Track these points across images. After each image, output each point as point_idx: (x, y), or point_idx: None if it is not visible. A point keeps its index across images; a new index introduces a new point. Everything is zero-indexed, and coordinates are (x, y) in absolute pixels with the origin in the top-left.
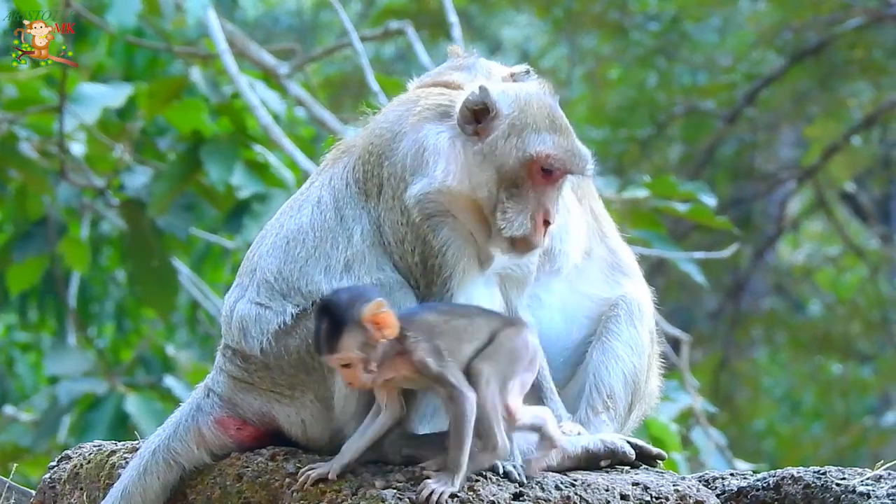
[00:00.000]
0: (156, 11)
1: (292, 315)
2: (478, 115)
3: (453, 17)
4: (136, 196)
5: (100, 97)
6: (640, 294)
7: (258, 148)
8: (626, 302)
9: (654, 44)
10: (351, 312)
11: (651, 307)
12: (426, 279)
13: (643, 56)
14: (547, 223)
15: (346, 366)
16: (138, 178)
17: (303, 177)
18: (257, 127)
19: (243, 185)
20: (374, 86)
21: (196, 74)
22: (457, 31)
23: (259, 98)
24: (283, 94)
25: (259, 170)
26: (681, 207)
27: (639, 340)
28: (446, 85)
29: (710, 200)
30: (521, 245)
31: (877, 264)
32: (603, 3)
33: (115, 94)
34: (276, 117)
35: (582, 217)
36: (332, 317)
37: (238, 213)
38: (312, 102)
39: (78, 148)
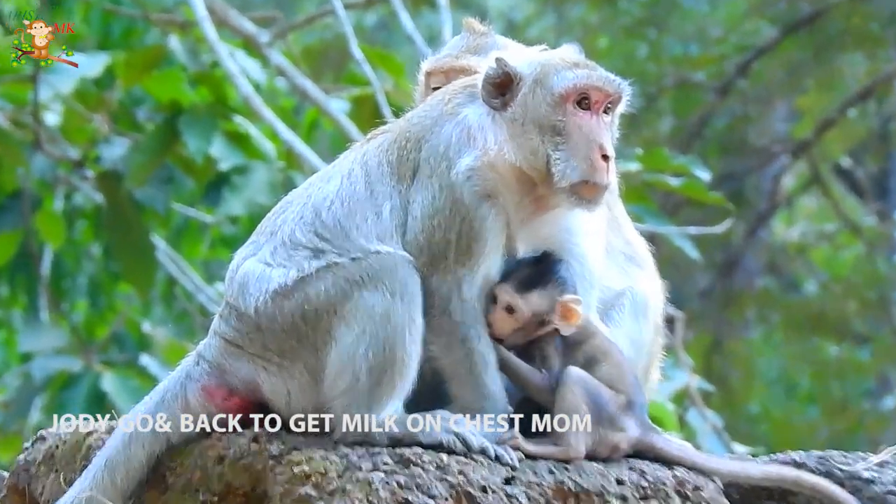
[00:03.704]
0: None
1: (294, 278)
2: (502, 87)
3: None
4: (114, 168)
5: (76, 66)
6: (650, 287)
7: (239, 119)
8: (632, 293)
9: (643, 13)
10: (562, 282)
11: (660, 300)
12: (445, 260)
13: (632, 26)
14: (605, 157)
15: (508, 310)
16: (116, 150)
17: (284, 148)
18: (237, 97)
19: (223, 156)
20: (358, 54)
21: (174, 43)
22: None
23: (239, 67)
24: (264, 63)
25: (239, 141)
26: (673, 182)
27: (640, 335)
28: (462, 71)
29: (704, 175)
30: (585, 191)
31: (873, 241)
32: None
33: (92, 64)
34: (256, 87)
35: (599, 212)
36: (543, 270)
37: (217, 186)
38: (294, 72)
39: (52, 118)
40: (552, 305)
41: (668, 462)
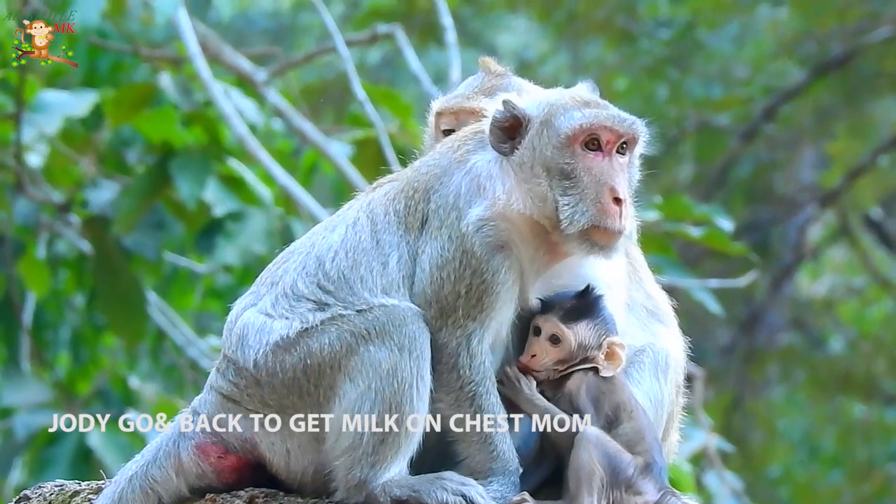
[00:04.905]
0: (121, 10)
1: (297, 330)
2: (511, 131)
3: (447, 20)
4: (101, 213)
5: (62, 105)
6: (672, 344)
7: (234, 162)
8: (653, 351)
9: (664, 53)
10: (608, 321)
11: (682, 358)
12: (454, 313)
13: (652, 66)
14: (618, 201)
15: (552, 340)
16: (103, 194)
17: (282, 194)
18: (232, 138)
19: (217, 201)
20: (361, 94)
21: (165, 80)
22: (451, 36)
23: (234, 106)
24: (261, 102)
25: (234, 185)
26: (694, 232)
27: (660, 394)
28: (473, 113)
29: (727, 224)
30: (597, 237)
31: None
32: (609, 8)
33: (78, 102)
34: (252, 128)
35: (619, 263)
36: (590, 303)
37: (210, 233)
38: (292, 113)
39: (35, 160)
40: (599, 341)
41: None
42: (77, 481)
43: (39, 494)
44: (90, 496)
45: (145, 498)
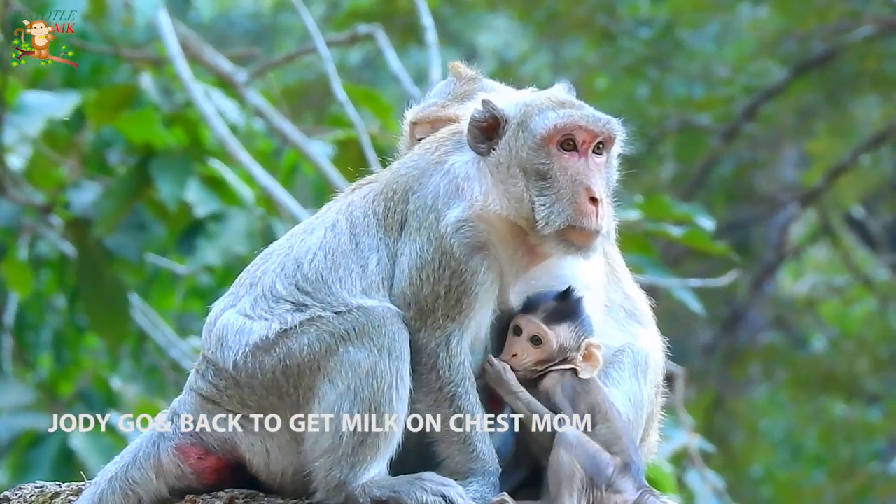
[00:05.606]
0: (101, 11)
1: (276, 331)
2: (489, 131)
3: (427, 20)
4: (83, 214)
5: (44, 106)
6: (651, 345)
7: (216, 162)
8: (633, 351)
9: (645, 52)
10: (587, 322)
11: (661, 359)
12: (433, 314)
13: (633, 65)
14: (594, 200)
15: (534, 341)
16: (85, 195)
17: (263, 194)
18: (213, 139)
19: (198, 202)
20: (341, 94)
21: (146, 81)
22: (431, 36)
23: (215, 107)
24: (242, 103)
25: (216, 186)
26: (675, 231)
27: (640, 394)
28: (449, 120)
29: (708, 224)
30: (574, 237)
31: (886, 296)
32: (589, 7)
33: (60, 104)
34: (233, 129)
35: (598, 264)
36: (571, 305)
37: (191, 234)
38: (273, 113)
39: (17, 161)
40: (578, 343)
41: None
42: (57, 483)
43: (20, 496)
44: (70, 497)
45: (125, 499)
